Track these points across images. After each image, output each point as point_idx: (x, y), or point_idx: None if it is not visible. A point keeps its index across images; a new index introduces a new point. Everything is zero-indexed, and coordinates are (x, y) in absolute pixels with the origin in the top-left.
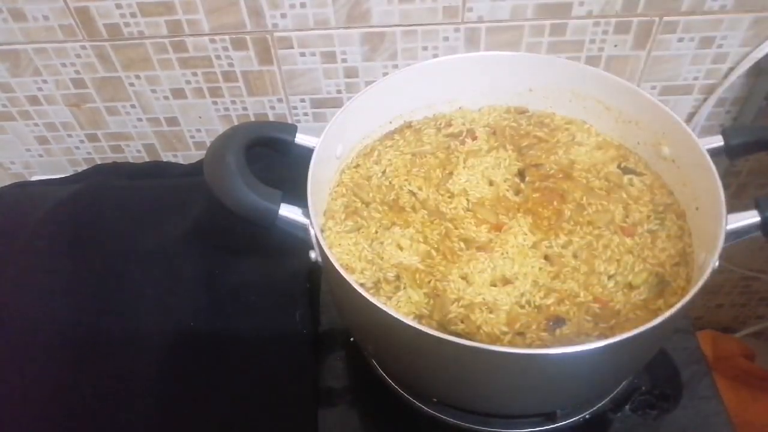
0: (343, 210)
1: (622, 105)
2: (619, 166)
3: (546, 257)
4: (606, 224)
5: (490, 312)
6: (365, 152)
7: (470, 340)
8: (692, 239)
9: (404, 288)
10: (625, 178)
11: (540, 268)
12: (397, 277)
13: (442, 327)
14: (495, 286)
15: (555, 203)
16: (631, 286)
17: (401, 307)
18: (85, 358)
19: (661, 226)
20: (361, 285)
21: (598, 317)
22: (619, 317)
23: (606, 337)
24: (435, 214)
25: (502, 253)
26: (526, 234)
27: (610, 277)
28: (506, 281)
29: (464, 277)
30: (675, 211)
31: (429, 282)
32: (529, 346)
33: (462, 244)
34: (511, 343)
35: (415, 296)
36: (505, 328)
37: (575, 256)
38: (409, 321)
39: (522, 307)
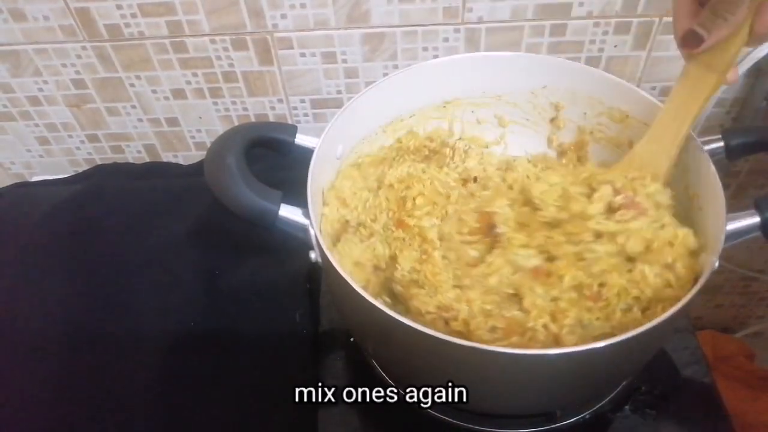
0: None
1: (622, 105)
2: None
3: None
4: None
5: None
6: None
7: (467, 339)
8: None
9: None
10: None
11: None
12: (385, 227)
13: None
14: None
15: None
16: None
17: (376, 248)
18: (84, 358)
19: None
20: (346, 222)
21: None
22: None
23: (605, 337)
24: None
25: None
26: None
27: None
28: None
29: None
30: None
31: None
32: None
33: None
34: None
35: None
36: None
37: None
38: (409, 321)
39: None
